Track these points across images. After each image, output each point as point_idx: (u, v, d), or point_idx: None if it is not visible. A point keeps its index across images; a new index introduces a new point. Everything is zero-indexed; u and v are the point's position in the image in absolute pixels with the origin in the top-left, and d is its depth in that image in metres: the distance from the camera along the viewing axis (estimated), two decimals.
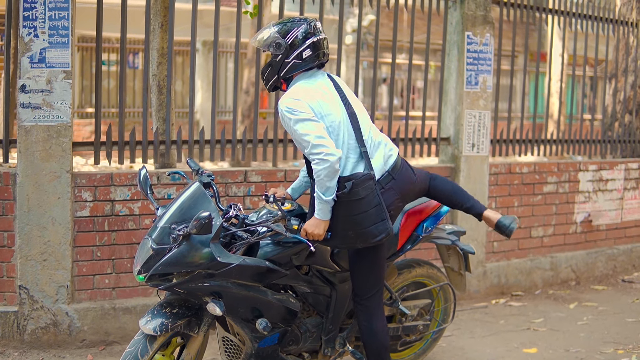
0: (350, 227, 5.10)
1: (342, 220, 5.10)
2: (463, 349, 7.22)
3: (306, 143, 4.95)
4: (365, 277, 5.41)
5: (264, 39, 5.20)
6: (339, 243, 5.21)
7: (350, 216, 5.09)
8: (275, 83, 5.30)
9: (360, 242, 5.15)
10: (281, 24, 5.21)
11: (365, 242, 5.14)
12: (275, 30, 5.18)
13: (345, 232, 5.12)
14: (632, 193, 10.53)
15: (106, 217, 6.83)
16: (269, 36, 5.17)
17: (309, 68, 5.25)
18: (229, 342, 5.38)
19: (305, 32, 5.18)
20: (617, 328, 7.92)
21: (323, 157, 4.88)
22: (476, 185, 8.64)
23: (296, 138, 5.04)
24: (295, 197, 5.75)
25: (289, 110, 5.00)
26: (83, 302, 6.79)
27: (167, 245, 4.69)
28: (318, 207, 5.04)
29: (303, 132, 4.95)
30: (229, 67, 23.34)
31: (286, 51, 5.15)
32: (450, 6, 8.64)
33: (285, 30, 5.16)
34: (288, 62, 5.17)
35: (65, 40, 6.42)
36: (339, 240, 5.17)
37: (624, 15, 10.77)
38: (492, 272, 8.97)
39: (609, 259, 10.22)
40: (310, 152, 4.93)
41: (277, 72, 5.21)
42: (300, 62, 5.18)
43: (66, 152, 6.51)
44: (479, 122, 8.61)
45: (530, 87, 16.52)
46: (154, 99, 7.49)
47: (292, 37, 5.15)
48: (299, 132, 4.97)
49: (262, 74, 5.32)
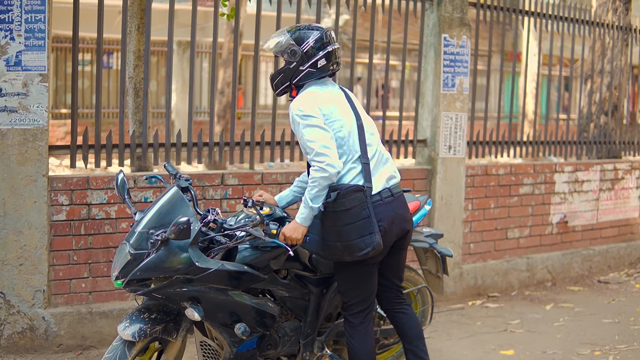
0: (337, 238, 5.10)
1: (328, 230, 5.12)
2: (440, 351, 7.22)
3: (310, 150, 4.97)
4: (350, 292, 5.39)
5: (279, 45, 5.19)
6: (327, 254, 5.21)
7: (336, 227, 5.10)
8: (286, 89, 5.31)
9: (347, 255, 5.14)
10: (296, 31, 5.21)
11: (352, 255, 5.12)
12: (290, 37, 5.18)
13: (333, 243, 5.12)
14: (607, 194, 10.57)
15: (83, 221, 6.79)
16: (284, 42, 5.17)
17: (322, 76, 5.27)
18: (207, 347, 5.36)
19: (321, 40, 5.20)
20: (593, 329, 7.96)
21: (324, 166, 4.91)
22: (453, 187, 8.65)
23: (302, 142, 5.05)
24: (282, 205, 5.71)
25: (300, 114, 5.03)
26: (60, 306, 6.75)
27: (145, 250, 4.68)
28: (301, 212, 5.05)
29: (310, 137, 4.98)
30: (204, 67, 23.29)
31: (301, 59, 5.16)
32: (427, 8, 8.64)
33: (300, 38, 5.17)
34: (302, 70, 5.18)
35: (42, 43, 6.38)
36: (327, 251, 5.18)
37: (600, 16, 10.82)
38: (468, 273, 8.99)
39: (585, 260, 10.26)
40: (312, 159, 4.96)
41: (290, 78, 5.22)
42: (315, 71, 5.21)
43: (42, 156, 6.46)
44: (455, 124, 8.62)
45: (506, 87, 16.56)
46: (131, 102, 7.45)
47: (308, 45, 5.16)
48: (306, 137, 4.99)
49: (272, 79, 5.33)
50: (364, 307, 5.41)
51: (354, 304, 5.39)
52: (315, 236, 5.19)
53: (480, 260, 9.20)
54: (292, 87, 5.28)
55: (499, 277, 9.31)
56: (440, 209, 8.59)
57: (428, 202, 6.37)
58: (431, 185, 8.59)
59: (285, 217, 5.41)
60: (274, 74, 5.32)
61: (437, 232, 6.46)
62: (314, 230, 5.19)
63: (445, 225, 8.55)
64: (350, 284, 5.37)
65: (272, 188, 7.56)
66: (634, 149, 11.54)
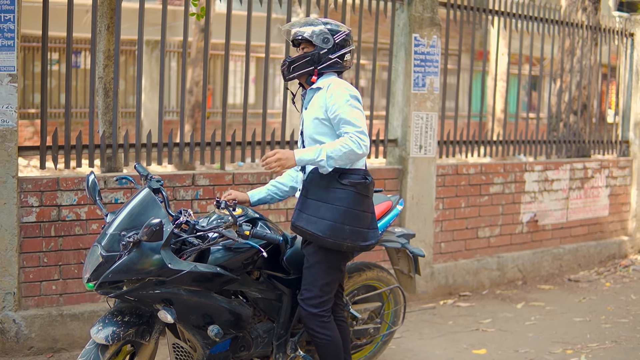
0: (350, 221, 5.21)
1: (343, 211, 5.21)
2: (413, 350, 7.23)
3: (356, 126, 5.11)
4: (326, 285, 5.38)
5: (313, 30, 5.34)
6: (327, 235, 5.19)
7: (354, 210, 5.24)
8: (306, 73, 5.39)
9: (349, 241, 5.22)
10: (329, 24, 5.42)
11: (353, 243, 5.24)
12: (325, 27, 5.35)
13: (342, 224, 5.19)
14: (577, 193, 10.62)
15: (53, 223, 6.73)
16: (320, 30, 5.34)
17: (340, 71, 5.46)
18: (179, 349, 5.34)
19: (348, 38, 5.43)
20: (565, 328, 7.99)
21: (364, 145, 5.10)
22: (424, 187, 8.66)
23: (344, 117, 5.15)
24: (253, 201, 5.73)
25: (354, 95, 5.24)
26: (30, 308, 6.69)
27: (117, 252, 4.64)
28: (307, 153, 5.11)
29: (358, 117, 5.17)
30: (172, 67, 23.22)
31: (333, 48, 5.33)
32: (397, 8, 8.64)
33: (333, 30, 5.37)
34: (332, 58, 5.34)
35: (11, 43, 6.31)
36: (330, 231, 5.18)
37: (569, 15, 10.86)
38: (439, 272, 9.00)
39: (555, 259, 10.31)
40: (357, 134, 5.09)
41: (317, 63, 5.33)
42: (341, 63, 5.39)
43: (12, 157, 6.40)
44: (426, 124, 8.62)
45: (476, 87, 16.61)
46: (100, 102, 7.40)
47: (340, 38, 5.36)
48: (354, 115, 5.15)
49: (292, 62, 5.40)
50: (331, 295, 5.46)
51: (327, 299, 5.40)
52: (314, 217, 5.21)
53: (451, 260, 9.21)
54: (314, 72, 5.37)
55: (470, 276, 9.33)
56: (411, 208, 8.59)
57: (400, 202, 6.37)
58: (402, 185, 8.58)
59: (258, 218, 5.39)
60: (297, 57, 5.39)
61: (409, 232, 6.46)
62: (316, 212, 5.22)
63: (417, 225, 8.55)
64: (328, 277, 5.38)
65: (243, 188, 7.54)
66: (603, 148, 11.60)
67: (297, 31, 5.38)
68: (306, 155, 5.09)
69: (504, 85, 18.59)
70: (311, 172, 5.28)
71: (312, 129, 5.31)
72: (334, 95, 5.20)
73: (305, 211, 5.25)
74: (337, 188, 5.24)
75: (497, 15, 9.83)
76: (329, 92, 5.23)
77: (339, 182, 5.24)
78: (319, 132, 5.28)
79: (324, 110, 5.23)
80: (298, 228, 5.27)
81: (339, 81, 5.33)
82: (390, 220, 6.10)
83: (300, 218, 5.25)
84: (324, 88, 5.28)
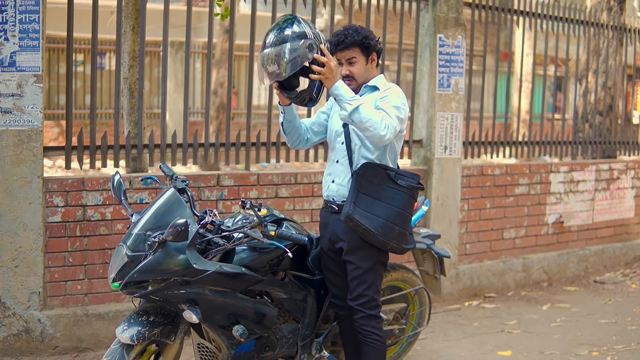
0: (401, 222, 5.28)
1: (397, 212, 5.25)
2: (438, 352, 7.20)
3: (392, 119, 5.05)
4: (375, 285, 5.42)
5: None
6: (380, 232, 5.20)
7: (406, 212, 5.32)
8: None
9: (396, 242, 5.27)
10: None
11: (399, 244, 5.30)
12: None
13: (393, 225, 5.23)
14: (602, 194, 10.57)
15: (78, 223, 6.75)
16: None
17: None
18: (204, 349, 5.34)
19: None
20: (590, 329, 7.95)
21: (389, 131, 5.00)
22: (449, 188, 8.63)
23: (386, 107, 5.13)
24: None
25: (404, 103, 5.25)
26: (55, 308, 6.72)
27: (142, 252, 4.64)
28: (344, 94, 5.03)
29: (399, 114, 5.14)
30: (197, 68, 23.25)
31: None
32: (422, 8, 8.62)
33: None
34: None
35: (36, 43, 6.34)
36: (382, 229, 5.20)
37: (594, 16, 10.80)
38: (464, 274, 8.97)
39: (581, 260, 10.26)
40: (392, 117, 5.06)
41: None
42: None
43: (37, 157, 6.42)
44: (451, 125, 8.59)
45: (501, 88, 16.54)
46: (126, 102, 7.42)
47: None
48: (396, 113, 5.12)
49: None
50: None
51: (379, 299, 5.48)
52: (368, 212, 5.20)
53: (476, 261, 9.18)
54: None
55: (495, 278, 9.29)
56: (436, 209, 8.56)
57: (425, 202, 6.36)
58: (427, 186, 8.56)
59: (283, 219, 5.38)
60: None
61: (435, 233, 6.43)
62: (369, 208, 5.22)
63: (442, 226, 8.53)
64: (379, 278, 5.46)
65: (268, 189, 7.54)
66: (629, 149, 11.54)
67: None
68: (343, 91, 5.03)
69: (529, 86, 18.51)
70: (363, 167, 5.27)
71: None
72: (389, 96, 5.22)
73: (360, 205, 5.21)
74: (392, 188, 5.28)
75: (521, 15, 9.79)
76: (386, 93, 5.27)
77: (394, 181, 5.27)
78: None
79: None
80: (353, 220, 5.18)
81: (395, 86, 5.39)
82: (416, 221, 6.08)
83: (355, 211, 5.19)
84: (381, 89, 5.34)
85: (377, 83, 5.39)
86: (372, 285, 5.39)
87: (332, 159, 5.49)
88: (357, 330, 5.46)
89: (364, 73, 5.37)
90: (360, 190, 5.24)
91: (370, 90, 5.38)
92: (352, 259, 5.36)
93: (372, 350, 5.44)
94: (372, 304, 5.40)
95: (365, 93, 5.38)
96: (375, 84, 5.38)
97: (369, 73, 5.40)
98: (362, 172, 5.26)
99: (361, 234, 5.23)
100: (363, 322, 5.40)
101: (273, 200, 7.59)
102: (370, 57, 5.37)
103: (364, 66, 5.36)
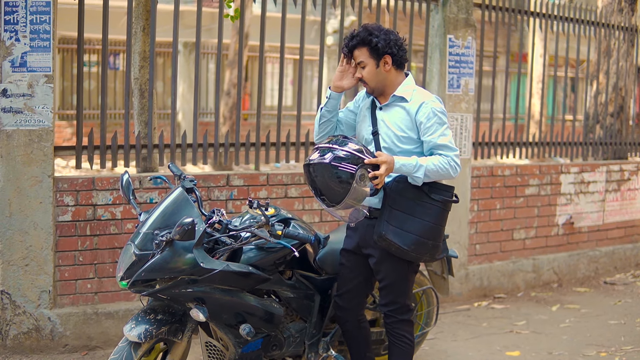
0: (434, 236, 5.26)
1: (430, 227, 5.23)
2: (446, 352, 7.22)
3: (448, 150, 5.16)
4: (405, 292, 5.47)
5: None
6: (413, 249, 5.18)
7: (438, 226, 5.30)
8: None
9: (429, 255, 5.29)
10: None
11: (432, 256, 5.34)
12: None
13: (426, 240, 5.21)
14: (613, 195, 10.56)
15: (88, 222, 6.79)
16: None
17: None
18: (212, 348, 5.36)
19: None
20: (599, 330, 7.95)
21: (459, 169, 5.22)
22: (458, 188, 8.60)
23: (438, 142, 5.17)
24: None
25: (444, 112, 5.25)
26: (65, 307, 6.76)
27: (150, 251, 4.67)
28: (406, 164, 5.05)
29: (451, 139, 5.24)
30: (210, 69, 23.30)
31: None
32: (432, 9, 8.63)
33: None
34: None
35: (47, 44, 6.38)
36: (415, 245, 5.18)
37: (606, 17, 10.79)
38: (474, 274, 8.98)
39: (591, 261, 10.25)
40: (453, 156, 5.16)
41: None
42: None
43: (48, 157, 6.47)
44: (461, 125, 8.60)
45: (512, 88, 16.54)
46: (136, 103, 7.45)
47: None
48: (448, 136, 5.21)
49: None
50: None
51: (409, 302, 5.50)
52: (400, 229, 5.17)
53: (486, 262, 9.19)
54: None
55: (504, 278, 9.30)
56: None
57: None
58: None
59: (291, 218, 5.41)
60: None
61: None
62: (402, 225, 5.18)
63: (451, 226, 8.52)
64: (408, 284, 5.47)
65: (278, 189, 7.57)
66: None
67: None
68: (405, 167, 5.04)
69: (541, 87, 18.50)
70: (396, 181, 5.23)
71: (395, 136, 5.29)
72: (430, 112, 5.18)
73: (392, 222, 5.16)
74: (426, 202, 5.22)
75: (532, 16, 9.79)
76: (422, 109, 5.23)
77: (429, 196, 5.23)
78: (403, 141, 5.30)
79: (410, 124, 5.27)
80: (386, 240, 5.16)
81: (428, 95, 5.35)
82: None
83: (388, 230, 5.16)
84: (410, 101, 5.29)
85: (405, 94, 5.28)
86: (402, 292, 5.43)
87: None
88: (389, 332, 5.52)
89: (375, 77, 5.26)
90: (393, 207, 5.20)
91: (398, 101, 5.31)
92: (382, 269, 5.38)
93: (401, 352, 5.50)
94: (404, 309, 5.46)
95: (393, 104, 5.32)
96: (402, 94, 5.28)
97: (385, 77, 5.29)
98: (394, 186, 5.23)
99: (394, 251, 5.22)
100: (395, 326, 5.48)
101: (282, 200, 7.62)
102: (382, 60, 5.23)
103: (375, 70, 5.23)
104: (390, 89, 5.32)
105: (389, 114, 5.31)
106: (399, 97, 5.28)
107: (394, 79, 5.32)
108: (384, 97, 5.36)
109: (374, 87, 5.31)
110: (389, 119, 5.29)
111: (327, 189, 4.91)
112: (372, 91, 5.33)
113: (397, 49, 5.26)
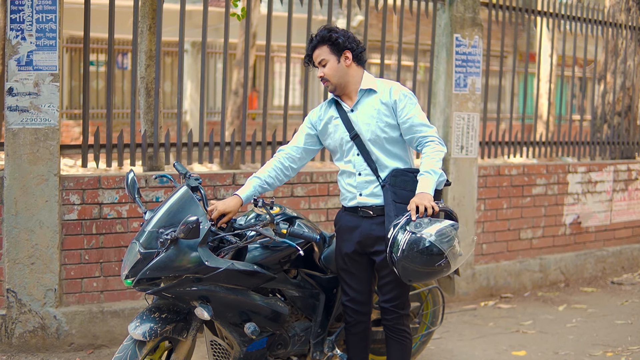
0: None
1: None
2: (452, 351, 7.21)
3: (429, 127, 5.32)
4: (406, 296, 5.51)
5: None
6: (428, 268, 5.07)
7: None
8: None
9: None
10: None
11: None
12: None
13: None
14: (621, 195, 10.54)
15: (94, 220, 6.80)
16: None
17: None
18: (217, 346, 5.36)
19: None
20: (606, 330, 7.93)
21: (441, 142, 5.31)
22: (465, 188, 8.63)
23: (415, 118, 5.29)
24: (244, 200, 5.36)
25: (412, 94, 5.38)
26: (71, 305, 6.77)
27: (155, 249, 4.67)
28: (427, 183, 5.11)
29: (424, 115, 5.36)
30: (218, 68, 23.31)
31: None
32: (438, 8, 8.62)
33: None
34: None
35: (53, 43, 6.39)
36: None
37: (613, 16, 10.77)
38: (481, 274, 8.97)
39: (598, 261, 10.23)
40: (433, 135, 5.29)
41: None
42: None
43: (54, 155, 6.48)
44: (467, 124, 8.59)
45: (519, 88, 16.52)
46: (142, 102, 7.46)
47: None
48: (421, 114, 5.33)
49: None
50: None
51: (408, 296, 5.54)
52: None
53: (492, 261, 9.18)
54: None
55: (511, 278, 9.29)
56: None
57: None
58: None
59: (296, 217, 5.40)
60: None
61: None
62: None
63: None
64: (407, 291, 5.51)
65: (283, 188, 7.57)
66: None
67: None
68: (428, 185, 5.10)
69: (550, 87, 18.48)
70: (392, 176, 5.29)
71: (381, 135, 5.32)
72: (400, 95, 5.31)
73: (400, 215, 5.16)
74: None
75: (539, 15, 9.78)
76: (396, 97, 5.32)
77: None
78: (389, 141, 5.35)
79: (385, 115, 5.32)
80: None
81: (393, 83, 5.45)
82: None
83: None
84: (379, 91, 5.37)
85: (371, 85, 5.36)
86: (406, 288, 5.46)
87: (349, 171, 5.41)
88: (389, 328, 5.51)
89: (337, 73, 5.30)
90: (397, 201, 5.21)
91: (367, 94, 5.36)
92: (382, 266, 5.37)
93: (400, 347, 5.51)
94: (405, 304, 5.49)
95: (362, 98, 5.37)
96: (370, 86, 5.35)
97: (347, 72, 5.34)
98: (392, 181, 5.26)
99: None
100: (397, 321, 5.48)
101: (288, 199, 7.62)
102: (342, 55, 5.29)
103: (336, 66, 5.29)
104: (353, 85, 5.37)
105: (362, 111, 5.35)
106: (367, 90, 5.36)
107: (354, 74, 5.37)
108: (348, 97, 5.42)
109: (336, 84, 5.34)
110: (365, 114, 5.33)
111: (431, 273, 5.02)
112: (334, 89, 5.36)
113: (355, 45, 5.35)
